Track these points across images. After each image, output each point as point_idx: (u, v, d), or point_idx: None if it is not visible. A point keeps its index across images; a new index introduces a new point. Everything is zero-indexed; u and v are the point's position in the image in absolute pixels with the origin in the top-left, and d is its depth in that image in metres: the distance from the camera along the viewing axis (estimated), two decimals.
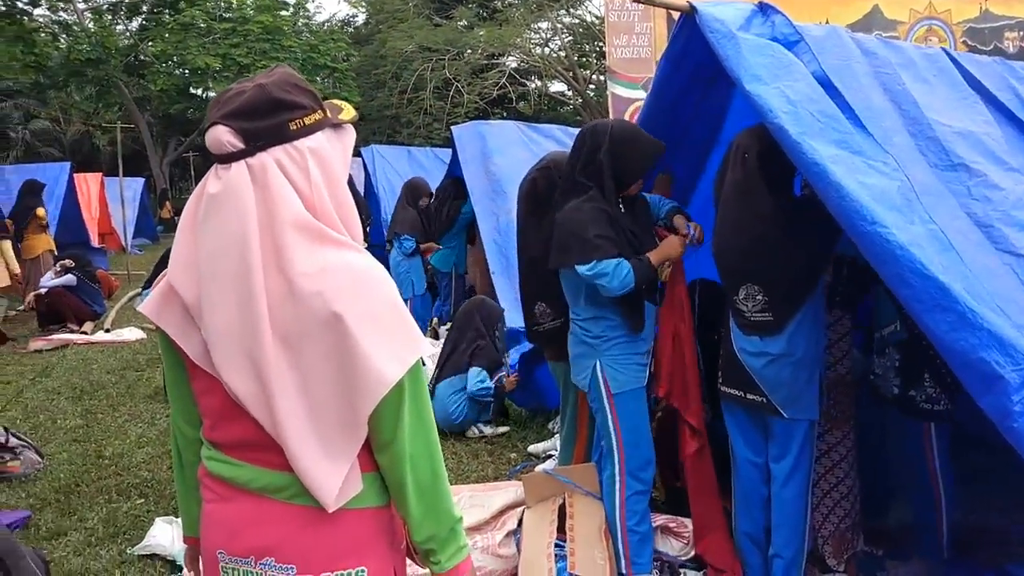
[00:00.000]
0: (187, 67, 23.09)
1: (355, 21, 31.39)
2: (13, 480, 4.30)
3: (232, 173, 1.35)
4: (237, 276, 1.33)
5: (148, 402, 5.85)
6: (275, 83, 1.40)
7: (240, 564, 1.44)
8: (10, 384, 6.47)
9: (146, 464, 4.55)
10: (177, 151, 28.05)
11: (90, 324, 8.79)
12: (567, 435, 3.88)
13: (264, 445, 1.40)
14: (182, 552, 3.29)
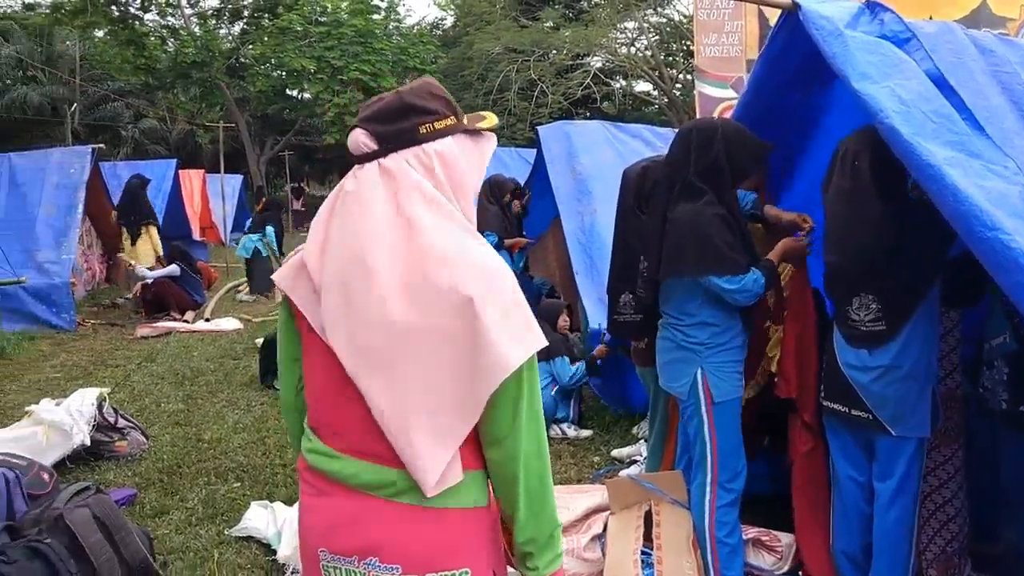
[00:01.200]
0: (284, 69, 23.88)
1: (443, 24, 31.86)
2: (121, 459, 4.54)
3: (365, 171, 1.47)
4: (362, 263, 1.40)
5: (244, 389, 6.08)
6: (411, 90, 1.51)
7: (343, 563, 1.45)
8: (119, 368, 6.84)
9: (242, 449, 4.73)
10: (273, 150, 29.05)
11: (191, 313, 9.21)
12: (655, 442, 3.84)
13: (368, 433, 1.42)
14: (276, 536, 3.44)
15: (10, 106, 23.15)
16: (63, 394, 5.21)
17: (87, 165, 9.80)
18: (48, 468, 3.97)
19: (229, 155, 20.23)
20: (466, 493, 1.45)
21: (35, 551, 2.63)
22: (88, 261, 11.02)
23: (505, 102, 21.47)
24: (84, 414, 4.51)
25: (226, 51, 25.21)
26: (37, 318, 8.53)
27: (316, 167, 39.61)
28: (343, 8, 23.85)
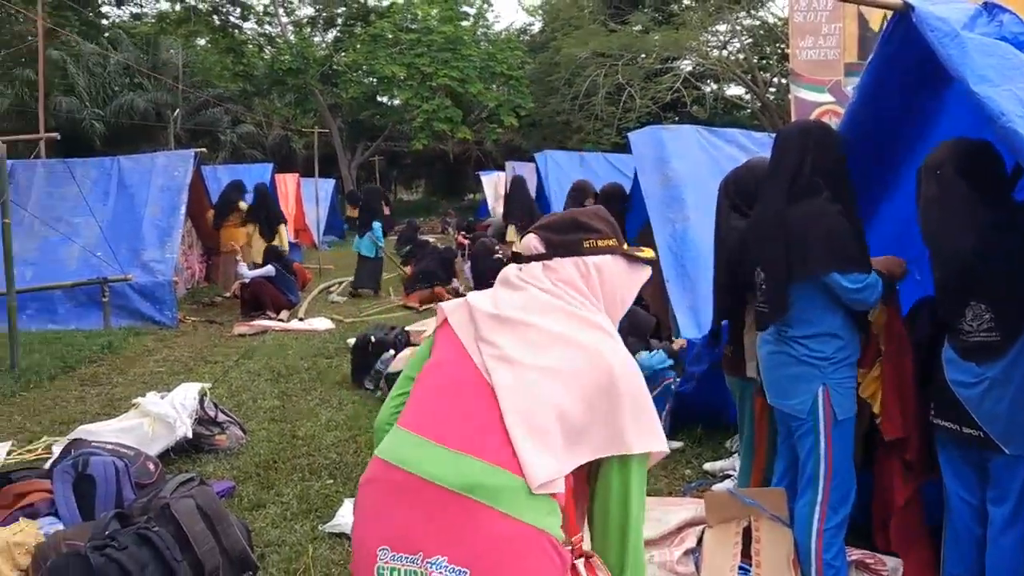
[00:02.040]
0: (375, 76, 24.47)
1: (531, 29, 32.03)
2: (220, 453, 4.70)
3: (531, 266, 1.75)
4: (521, 324, 1.65)
5: (336, 388, 6.22)
6: (583, 212, 1.81)
7: (404, 562, 1.45)
8: (218, 364, 7.11)
9: (335, 447, 4.82)
10: (364, 155, 29.78)
11: (286, 312, 9.50)
12: (744, 457, 3.72)
13: (476, 432, 1.50)
14: None
15: (118, 111, 24.42)
16: (166, 388, 5.43)
17: (190, 168, 10.24)
18: (154, 458, 4.15)
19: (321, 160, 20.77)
20: (553, 522, 1.48)
21: (144, 538, 2.74)
22: (188, 260, 11.52)
23: (592, 107, 21.39)
24: (187, 408, 4.68)
25: (320, 58, 25.99)
26: (142, 314, 8.96)
27: (403, 172, 40.41)
28: (433, 15, 24.28)
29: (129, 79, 25.50)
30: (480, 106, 25.81)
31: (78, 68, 24.30)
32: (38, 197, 9.75)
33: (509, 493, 1.45)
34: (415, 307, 9.95)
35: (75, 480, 3.49)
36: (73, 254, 9.18)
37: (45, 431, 5.17)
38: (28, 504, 3.57)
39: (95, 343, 7.78)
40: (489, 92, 24.14)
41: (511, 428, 1.49)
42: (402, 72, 23.11)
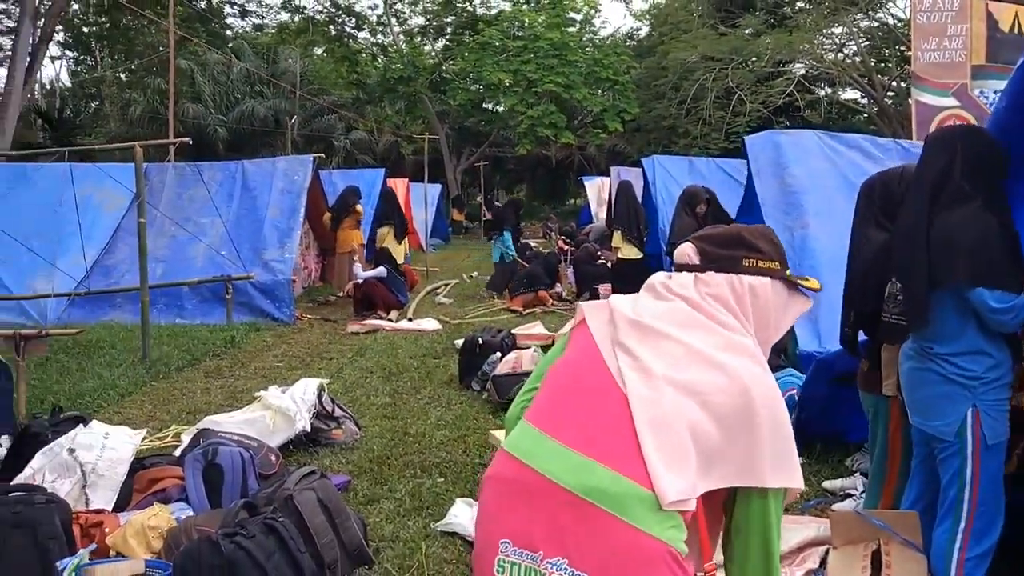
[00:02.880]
0: (482, 83, 24.83)
1: (638, 34, 31.74)
2: (336, 447, 4.84)
3: (682, 276, 1.71)
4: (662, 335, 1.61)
5: (444, 388, 6.31)
6: (750, 229, 1.75)
7: (524, 558, 1.45)
8: (332, 361, 7.35)
9: (444, 446, 4.88)
10: (469, 160, 30.23)
11: (395, 312, 9.74)
12: (875, 478, 3.53)
13: (607, 437, 1.48)
14: None
15: (240, 118, 25.68)
16: (284, 382, 5.65)
17: (308, 172, 10.65)
18: (275, 450, 4.31)
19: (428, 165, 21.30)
20: (677, 535, 1.44)
21: (270, 528, 2.83)
22: (305, 260, 11.98)
23: (700, 111, 20.99)
24: (306, 402, 4.85)
25: (429, 67, 26.60)
26: (262, 311, 9.37)
27: (506, 177, 40.75)
28: (540, 22, 24.43)
29: (250, 87, 26.79)
30: (584, 111, 25.76)
31: (204, 77, 25.72)
32: (169, 198, 10.34)
33: (635, 503, 1.42)
34: (518, 311, 10.00)
35: (204, 468, 3.66)
36: (200, 252, 9.70)
37: (174, 420, 5.46)
38: (161, 489, 3.78)
39: (218, 337, 8.19)
40: (594, 97, 24.07)
41: (644, 442, 1.46)
42: (508, 79, 23.36)
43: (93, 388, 6.11)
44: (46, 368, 6.66)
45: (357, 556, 3.29)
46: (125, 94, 27.38)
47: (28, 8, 17.38)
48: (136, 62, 28.15)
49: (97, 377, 6.45)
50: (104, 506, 3.62)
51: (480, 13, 27.22)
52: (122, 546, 3.10)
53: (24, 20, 17.48)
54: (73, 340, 7.37)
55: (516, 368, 5.89)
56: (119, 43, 30.69)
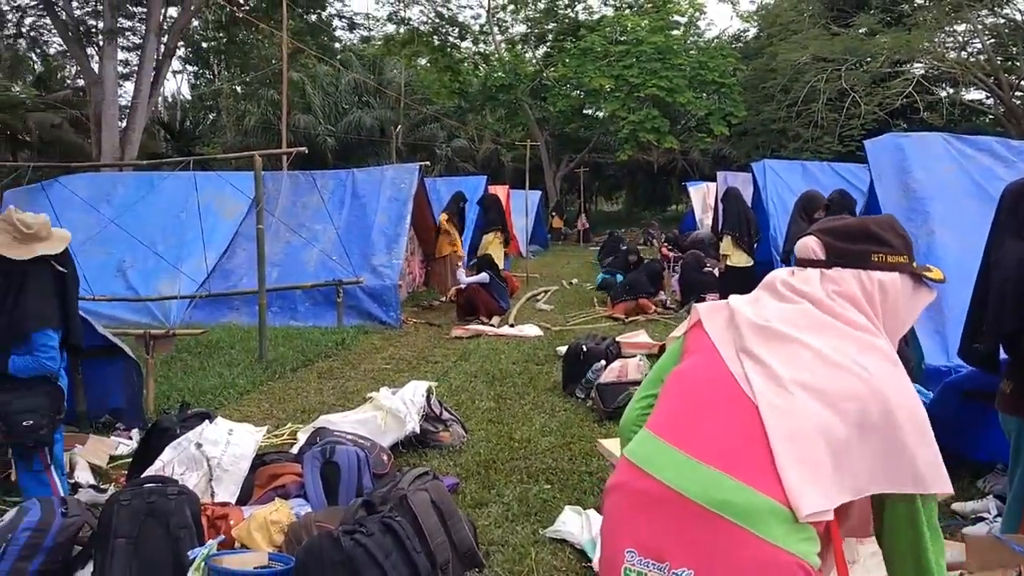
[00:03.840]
0: (583, 89, 24.77)
1: (745, 35, 30.99)
2: (444, 449, 4.90)
3: (806, 273, 1.63)
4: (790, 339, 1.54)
5: (548, 395, 6.30)
6: (876, 221, 1.65)
7: (650, 568, 1.43)
8: (438, 364, 7.47)
9: (550, 452, 4.87)
10: (568, 167, 30.22)
11: (497, 318, 9.82)
12: (1015, 500, 3.29)
13: (734, 449, 1.44)
14: (591, 544, 3.46)
15: (347, 128, 26.56)
16: (392, 384, 5.76)
17: (415, 180, 10.88)
18: (387, 450, 4.41)
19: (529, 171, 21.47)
20: (809, 548, 1.38)
21: (388, 527, 2.89)
22: (411, 266, 12.23)
23: (811, 113, 20.29)
24: (416, 404, 4.94)
25: (530, 74, 26.78)
26: (370, 315, 9.63)
27: (605, 183, 40.55)
28: (643, 26, 24.18)
29: (358, 98, 27.68)
30: (688, 115, 25.34)
31: (314, 88, 26.76)
32: (284, 205, 10.76)
33: (766, 516, 1.37)
34: (621, 318, 9.90)
35: (322, 466, 3.78)
36: (312, 257, 10.06)
37: (289, 418, 5.66)
38: (280, 485, 3.92)
39: (330, 339, 8.46)
40: (699, 101, 23.62)
41: (778, 453, 1.41)
42: (609, 84, 23.21)
43: (215, 386, 6.41)
44: (171, 366, 7.04)
45: (468, 558, 3.31)
46: (240, 106, 28.82)
47: (153, 25, 18.54)
48: (251, 75, 29.53)
49: (218, 376, 6.77)
50: (228, 499, 3.78)
51: (582, 19, 27.20)
52: (246, 538, 3.23)
53: (149, 36, 18.65)
54: (196, 340, 7.76)
55: (622, 377, 5.81)
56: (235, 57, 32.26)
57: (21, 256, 3.45)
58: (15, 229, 3.45)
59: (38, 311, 3.45)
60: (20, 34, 28.16)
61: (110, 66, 18.88)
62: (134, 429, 5.19)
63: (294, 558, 2.88)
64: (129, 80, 24.99)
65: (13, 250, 3.43)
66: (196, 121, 35.53)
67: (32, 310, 3.43)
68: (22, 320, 3.41)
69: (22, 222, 3.46)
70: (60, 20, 19.76)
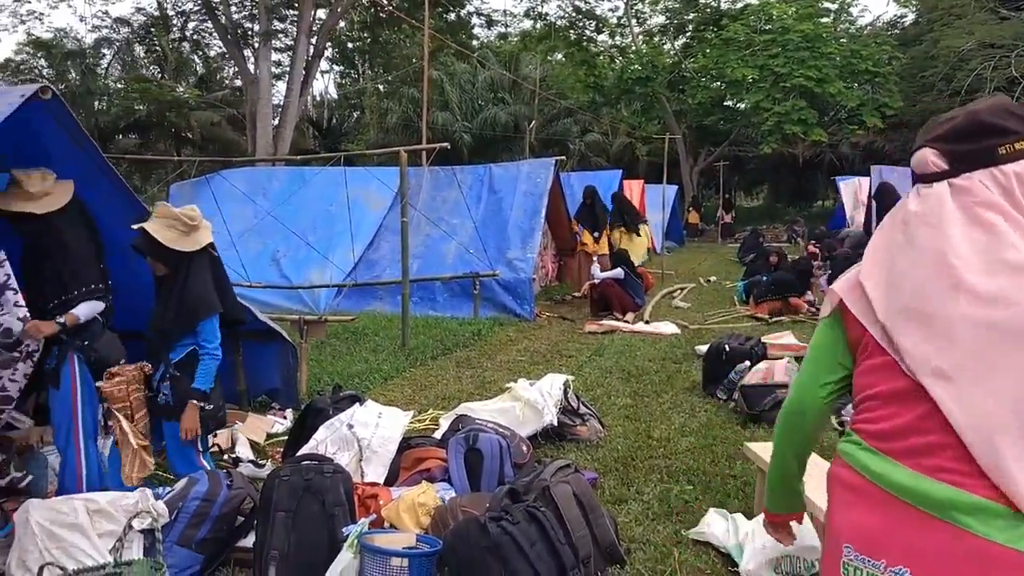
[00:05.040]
0: (724, 80, 24.01)
1: (903, 22, 29.12)
2: (580, 443, 4.89)
3: (933, 191, 1.45)
4: (942, 278, 1.38)
5: (687, 394, 6.16)
6: (987, 109, 1.45)
7: (865, 565, 1.41)
8: (571, 358, 7.46)
9: (690, 453, 4.76)
10: (707, 160, 29.46)
11: (631, 314, 9.70)
12: None
13: (943, 449, 1.34)
14: (737, 548, 3.35)
15: (483, 124, 26.96)
16: (527, 376, 5.80)
17: (550, 175, 10.91)
18: (526, 440, 4.44)
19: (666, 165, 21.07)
20: None
21: (533, 516, 2.90)
22: (543, 260, 12.28)
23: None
24: (553, 396, 4.95)
25: (668, 66, 26.23)
26: (505, 307, 9.76)
27: (746, 178, 39.24)
28: (790, 14, 23.15)
29: (493, 94, 28.05)
30: (838, 107, 24.04)
31: (452, 86, 27.33)
32: (424, 200, 11.06)
33: (985, 515, 1.30)
34: (764, 318, 9.54)
35: (466, 452, 3.85)
36: (451, 250, 10.30)
37: (431, 404, 5.81)
38: (426, 469, 4.03)
39: (467, 330, 8.63)
40: (850, 91, 22.31)
41: (977, 455, 1.31)
42: (753, 74, 22.35)
43: (361, 371, 6.68)
44: (322, 351, 7.39)
45: (609, 553, 3.28)
46: (383, 104, 29.86)
47: (304, 27, 19.55)
48: (393, 74, 30.57)
49: (364, 361, 7.05)
50: (376, 479, 3.92)
51: (724, 8, 26.40)
52: (395, 519, 3.33)
53: (300, 38, 19.70)
54: (343, 326, 8.12)
55: (767, 379, 5.60)
56: (379, 57, 33.55)
57: (191, 248, 3.61)
58: (181, 223, 3.61)
59: (205, 299, 3.61)
60: (184, 38, 30.50)
61: (265, 67, 20.13)
62: (288, 409, 5.49)
63: (441, 541, 2.94)
64: (281, 80, 26.51)
65: (182, 243, 3.59)
66: (342, 119, 37.23)
67: (199, 299, 3.59)
68: (193, 310, 3.59)
69: (186, 215, 3.62)
70: (220, 24, 21.26)
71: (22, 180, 3.69)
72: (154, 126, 28.23)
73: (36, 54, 30.50)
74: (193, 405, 3.57)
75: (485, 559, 2.74)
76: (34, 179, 3.69)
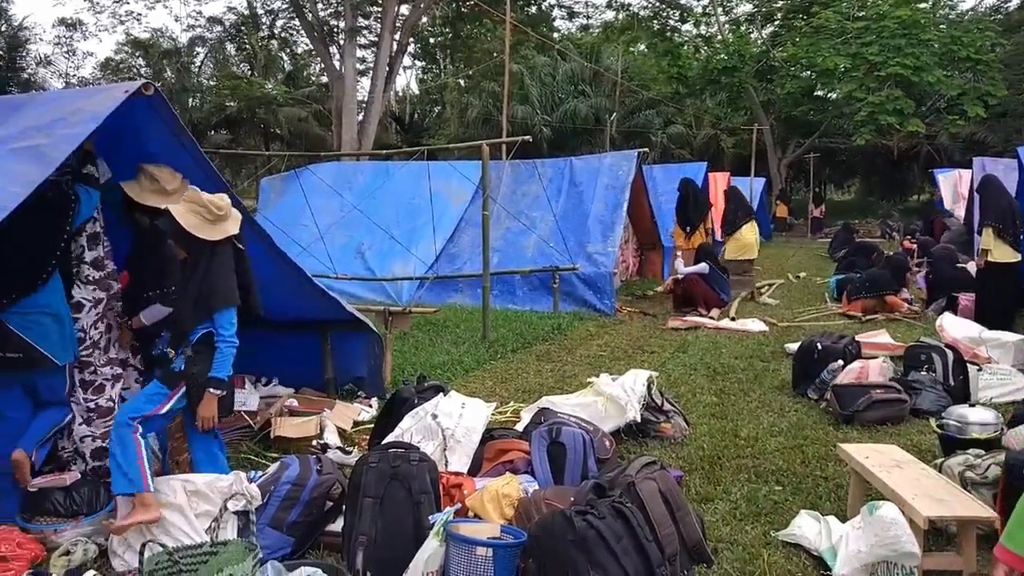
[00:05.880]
0: (814, 69, 23.20)
1: (1006, 7, 27.56)
2: (664, 440, 4.80)
3: None
4: None
5: (776, 393, 5.98)
6: None
7: None
8: (654, 355, 7.35)
9: (780, 453, 4.62)
10: (796, 152, 28.58)
11: (716, 311, 9.48)
12: None
13: None
14: (830, 552, 3.23)
15: (563, 117, 26.85)
16: (608, 371, 5.73)
17: (633, 168, 10.78)
18: (609, 436, 4.39)
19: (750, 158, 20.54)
20: None
21: (619, 512, 2.86)
22: (624, 254, 12.14)
23: None
24: (636, 392, 4.87)
25: (755, 55, 25.53)
26: (585, 301, 9.69)
27: (836, 170, 37.91)
28: (886, 0, 22.18)
29: (574, 87, 27.88)
30: (936, 96, 22.91)
31: (532, 79, 27.31)
32: (504, 193, 11.10)
33: None
34: (857, 316, 9.16)
35: (549, 445, 3.83)
36: (531, 244, 10.29)
37: (512, 396, 5.82)
38: (508, 460, 4.03)
39: (546, 324, 8.62)
40: (950, 80, 21.20)
41: None
42: (845, 63, 21.48)
43: (443, 362, 6.75)
44: (405, 341, 7.49)
45: (696, 552, 3.22)
46: (463, 98, 30.08)
47: (388, 23, 19.86)
48: (473, 68, 30.76)
49: (446, 353, 7.12)
50: (460, 469, 3.95)
51: None
52: (479, 508, 3.34)
53: (384, 34, 20.01)
54: (425, 318, 8.21)
55: (861, 379, 5.40)
56: (460, 51, 33.83)
57: (213, 237, 3.49)
58: (207, 211, 3.48)
59: (221, 291, 3.47)
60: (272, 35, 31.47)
61: (350, 63, 20.54)
62: (374, 398, 5.59)
63: (525, 532, 2.93)
64: (365, 76, 27.01)
65: (204, 231, 3.48)
66: (423, 114, 37.71)
67: (216, 289, 3.46)
68: (208, 299, 3.46)
69: (213, 203, 3.49)
70: (307, 21, 21.80)
71: (157, 176, 3.85)
72: (244, 122, 29.26)
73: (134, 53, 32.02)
74: (211, 394, 3.44)
75: (570, 552, 2.72)
76: (166, 175, 3.86)
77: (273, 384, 5.63)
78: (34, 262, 3.50)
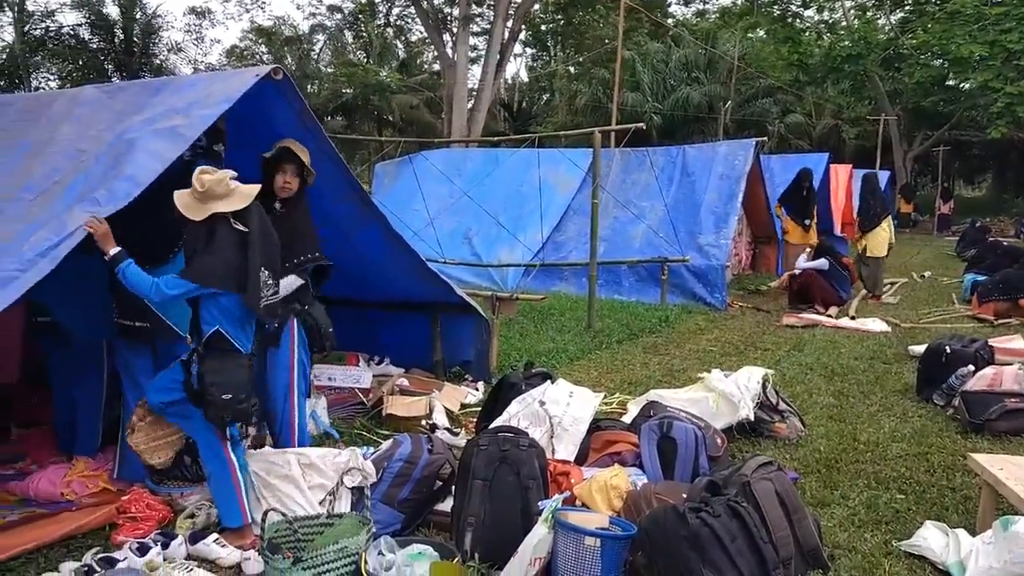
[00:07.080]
0: (947, 57, 21.81)
1: None
2: (778, 441, 4.64)
3: None
4: None
5: (899, 397, 5.68)
6: None
7: None
8: (768, 352, 7.11)
9: (902, 460, 4.38)
10: (923, 145, 27.02)
11: (834, 308, 9.09)
12: None
13: None
14: (958, 566, 3.04)
15: (675, 104, 26.26)
16: (717, 367, 5.57)
17: (749, 157, 10.42)
18: (720, 433, 4.27)
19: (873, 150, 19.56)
20: None
21: (734, 511, 2.78)
22: (737, 247, 11.79)
23: None
24: (750, 390, 4.72)
25: (882, 42, 24.24)
26: (694, 294, 9.48)
27: (967, 165, 35.64)
28: None
29: (687, 74, 27.22)
30: None
31: (644, 66, 26.82)
32: (613, 181, 10.97)
33: None
34: (988, 319, 8.58)
35: (659, 440, 3.76)
36: (639, 234, 10.14)
37: (617, 388, 5.76)
38: (616, 452, 3.99)
39: (654, 316, 8.48)
40: None
41: None
42: (982, 51, 20.08)
43: (548, 350, 6.75)
44: (510, 328, 7.53)
45: (812, 558, 3.10)
46: (573, 86, 29.91)
47: (501, 10, 19.93)
48: (584, 55, 30.53)
49: (551, 340, 7.12)
50: (567, 457, 3.93)
51: None
52: (587, 498, 3.32)
53: (497, 21, 20.11)
54: (530, 305, 8.23)
55: (994, 386, 5.04)
56: (571, 38, 33.61)
57: (197, 216, 3.21)
58: (193, 189, 3.21)
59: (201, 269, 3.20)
60: (388, 23, 32.18)
61: (462, 50, 20.77)
62: (480, 381, 5.65)
63: (635, 525, 2.89)
64: (476, 64, 27.28)
65: (192, 211, 3.22)
66: (532, 101, 37.75)
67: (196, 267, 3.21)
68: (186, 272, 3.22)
69: (198, 180, 3.20)
70: (422, 9, 22.16)
71: (299, 152, 4.01)
72: (358, 108, 30.09)
73: (258, 41, 33.43)
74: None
75: (682, 548, 2.66)
76: (305, 153, 4.02)
77: (385, 363, 5.79)
78: (166, 235, 3.64)
